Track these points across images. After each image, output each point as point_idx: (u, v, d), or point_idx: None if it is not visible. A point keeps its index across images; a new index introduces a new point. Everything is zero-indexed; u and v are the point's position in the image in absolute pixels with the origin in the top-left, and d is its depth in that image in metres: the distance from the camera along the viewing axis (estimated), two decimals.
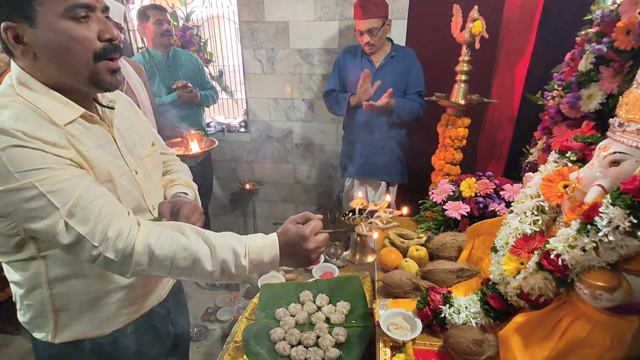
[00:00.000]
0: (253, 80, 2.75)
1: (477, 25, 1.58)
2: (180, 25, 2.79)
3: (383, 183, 2.27)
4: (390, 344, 0.97)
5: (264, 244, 0.82)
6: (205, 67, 2.70)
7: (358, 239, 0.96)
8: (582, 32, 1.19)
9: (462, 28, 1.68)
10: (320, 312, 1.28)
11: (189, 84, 2.33)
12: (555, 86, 1.27)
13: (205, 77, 2.60)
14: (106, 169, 0.81)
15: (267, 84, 2.73)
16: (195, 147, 2.16)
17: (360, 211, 0.94)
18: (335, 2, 2.41)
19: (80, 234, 0.70)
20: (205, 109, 2.73)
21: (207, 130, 2.73)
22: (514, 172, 1.68)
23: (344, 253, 1.83)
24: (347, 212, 0.96)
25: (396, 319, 1.01)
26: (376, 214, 0.94)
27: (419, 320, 0.99)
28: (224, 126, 2.98)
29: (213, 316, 2.40)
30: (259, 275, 1.59)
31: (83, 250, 0.72)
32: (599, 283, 0.70)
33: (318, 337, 1.16)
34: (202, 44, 2.87)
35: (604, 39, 1.05)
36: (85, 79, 0.76)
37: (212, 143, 2.23)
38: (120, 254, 0.73)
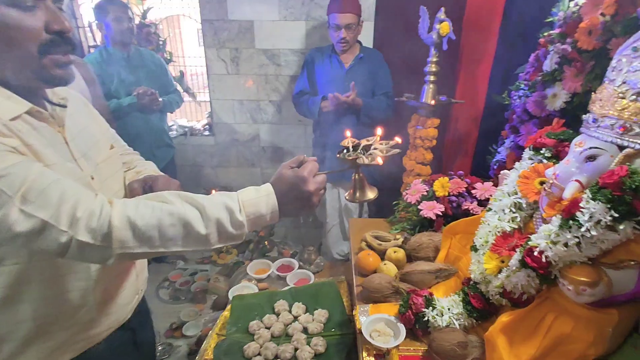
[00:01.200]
0: (217, 81, 2.64)
1: (445, 27, 1.61)
2: (137, 22, 2.62)
3: None
4: (374, 352, 0.93)
5: (257, 195, 0.75)
6: None
7: (356, 176, 0.90)
8: (545, 34, 1.23)
9: (430, 30, 1.70)
10: (297, 322, 1.22)
11: (150, 90, 2.18)
12: (522, 86, 1.31)
13: (169, 80, 2.46)
14: (59, 171, 0.70)
15: (232, 85, 2.63)
16: None
17: (355, 148, 0.89)
18: (300, 2, 2.37)
19: (43, 219, 0.60)
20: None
21: (170, 134, 2.58)
22: (482, 171, 1.72)
23: (318, 259, 1.79)
24: (341, 151, 0.90)
25: (378, 325, 0.98)
26: (373, 147, 0.89)
27: (402, 325, 0.96)
28: (186, 129, 2.83)
29: (178, 332, 2.24)
30: (230, 286, 1.49)
31: (49, 239, 0.61)
32: (582, 278, 0.70)
33: (296, 349, 1.10)
34: (160, 43, 2.72)
35: (568, 40, 1.09)
36: (30, 73, 0.67)
37: None
38: (96, 233, 0.63)
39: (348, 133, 0.94)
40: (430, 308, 0.95)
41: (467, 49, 1.95)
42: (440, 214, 1.38)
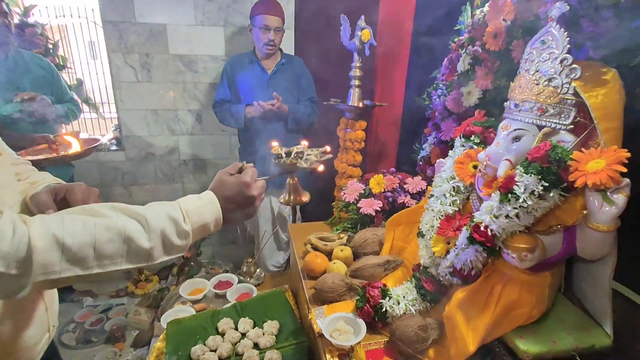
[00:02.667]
0: (125, 90, 2.37)
1: (366, 34, 1.70)
2: (16, 21, 2.23)
3: None
4: (337, 352, 0.89)
5: (201, 203, 0.71)
6: None
7: (291, 181, 0.97)
8: (456, 39, 1.38)
9: (352, 37, 1.78)
10: (246, 339, 1.12)
11: (39, 96, 1.85)
12: (440, 86, 1.43)
13: (63, 87, 2.12)
14: None
15: (144, 94, 2.39)
16: (75, 146, 1.73)
17: (288, 154, 0.94)
18: (217, 7, 2.29)
19: None
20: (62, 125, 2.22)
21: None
22: (407, 167, 1.83)
23: (257, 271, 1.69)
24: (276, 156, 0.95)
25: (338, 324, 0.94)
26: (306, 153, 0.95)
27: (361, 320, 0.94)
28: None
29: None
30: (154, 318, 1.31)
31: None
32: (522, 245, 0.77)
33: None
34: (50, 46, 2.35)
35: (477, 43, 1.22)
36: None
37: (94, 141, 1.84)
38: (10, 259, 0.49)
39: (275, 143, 0.98)
40: (387, 298, 0.95)
41: (384, 55, 2.09)
42: (379, 209, 1.42)
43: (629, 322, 0.83)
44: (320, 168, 0.95)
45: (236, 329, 1.17)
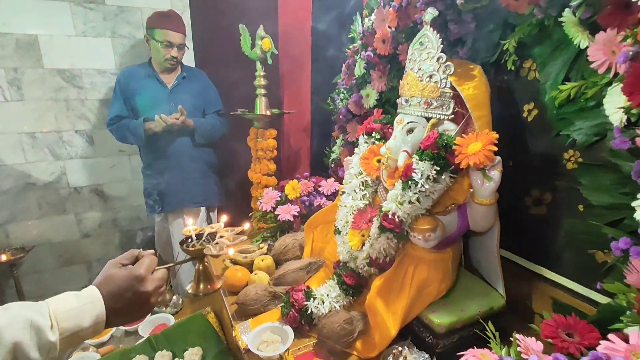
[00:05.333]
0: None
1: (266, 43, 1.70)
2: None
3: (202, 209, 2.08)
4: None
5: (79, 304, 0.59)
6: None
7: (200, 267, 0.86)
8: (351, 46, 1.47)
9: (252, 46, 1.77)
10: None
11: None
12: (342, 90, 1.50)
13: None
14: None
15: (15, 115, 2.04)
16: None
17: (198, 237, 0.86)
18: (102, 16, 2.08)
19: None
20: None
21: None
22: (321, 171, 1.88)
23: (174, 298, 1.55)
24: (184, 240, 0.86)
25: (264, 335, 0.91)
26: (219, 235, 0.89)
27: (288, 326, 0.92)
28: None
29: None
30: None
31: None
32: (425, 227, 0.83)
33: None
34: None
35: (369, 48, 1.32)
36: None
37: None
38: None
39: (190, 221, 0.91)
40: (312, 299, 0.95)
41: (288, 63, 2.12)
42: (297, 214, 1.42)
43: (517, 283, 0.96)
44: (231, 252, 0.91)
45: None
